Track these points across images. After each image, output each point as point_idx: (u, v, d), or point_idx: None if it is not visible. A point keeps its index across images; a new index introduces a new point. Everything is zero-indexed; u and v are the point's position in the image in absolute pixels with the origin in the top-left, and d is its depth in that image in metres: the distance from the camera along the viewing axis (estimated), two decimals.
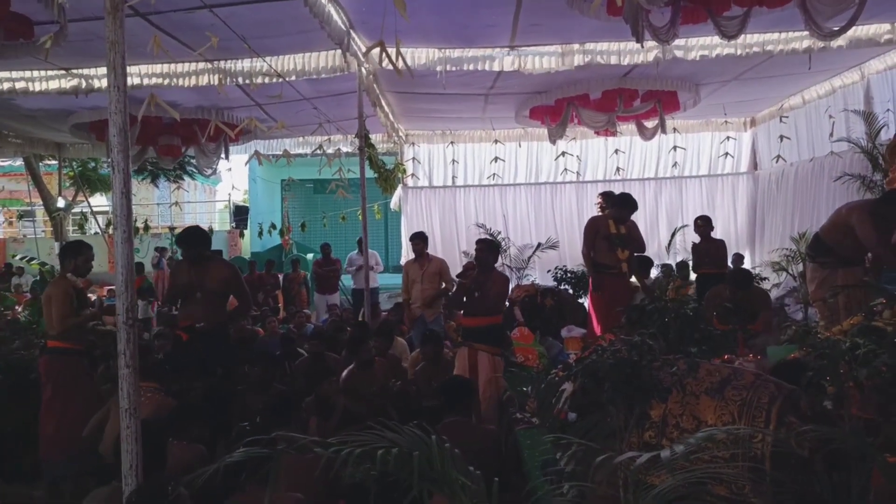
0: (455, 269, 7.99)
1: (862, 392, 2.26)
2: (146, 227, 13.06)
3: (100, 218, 13.97)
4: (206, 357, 5.04)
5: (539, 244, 9.95)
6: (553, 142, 9.84)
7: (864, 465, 2.32)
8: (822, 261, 5.34)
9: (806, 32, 5.59)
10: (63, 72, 7.01)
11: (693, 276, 8.72)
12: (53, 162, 13.18)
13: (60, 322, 4.56)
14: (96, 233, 13.89)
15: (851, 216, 5.11)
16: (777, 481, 2.34)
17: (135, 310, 2.61)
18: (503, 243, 9.80)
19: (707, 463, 2.41)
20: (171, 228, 14.38)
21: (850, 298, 4.90)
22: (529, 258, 10.01)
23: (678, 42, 6.41)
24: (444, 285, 7.18)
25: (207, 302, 5.12)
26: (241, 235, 17.31)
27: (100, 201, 16.39)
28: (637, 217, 6.59)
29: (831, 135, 9.05)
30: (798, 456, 2.39)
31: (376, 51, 4.16)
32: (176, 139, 9.20)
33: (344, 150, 9.98)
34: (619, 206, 6.35)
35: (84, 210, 13.97)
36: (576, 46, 6.92)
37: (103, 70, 6.10)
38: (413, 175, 11.74)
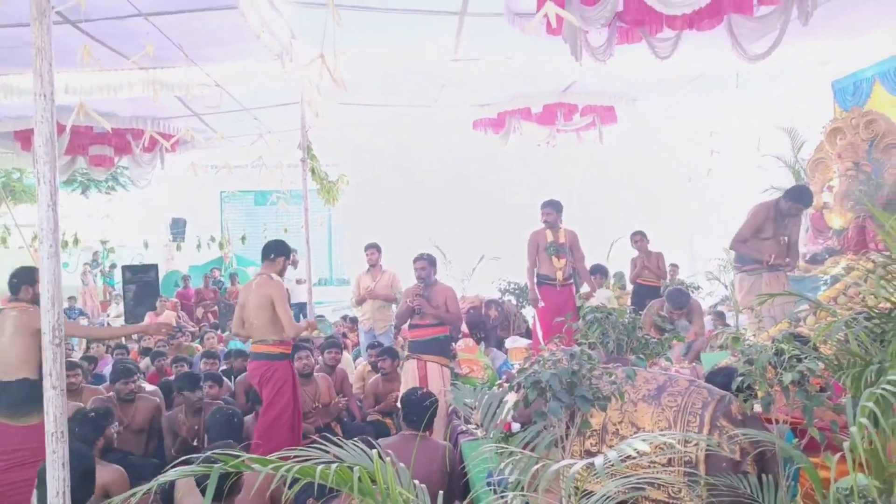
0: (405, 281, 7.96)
1: (787, 396, 2.37)
2: (76, 241, 12.47)
3: (25, 231, 13.26)
4: None
5: (482, 256, 10.03)
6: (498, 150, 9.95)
7: (790, 467, 2.43)
8: (747, 269, 5.55)
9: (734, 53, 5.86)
10: None
11: (630, 287, 8.96)
12: None
13: (292, 328, 4.64)
14: (21, 247, 13.16)
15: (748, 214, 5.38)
16: (710, 484, 2.43)
17: (62, 328, 2.49)
18: (446, 255, 9.83)
19: (645, 469, 2.48)
20: (104, 242, 13.80)
21: (774, 304, 5.13)
22: (473, 270, 10.07)
23: (615, 60, 6.63)
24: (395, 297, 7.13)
25: None
26: (179, 248, 16.74)
27: (27, 213, 15.55)
28: (577, 228, 6.71)
29: (758, 149, 9.53)
30: (730, 458, 2.49)
31: (317, 63, 4.14)
32: (108, 149, 8.88)
33: (285, 161, 9.81)
34: (542, 209, 6.41)
35: (7, 224, 13.24)
36: (517, 62, 7.06)
37: (29, 77, 5.85)
38: (356, 187, 11.68)
